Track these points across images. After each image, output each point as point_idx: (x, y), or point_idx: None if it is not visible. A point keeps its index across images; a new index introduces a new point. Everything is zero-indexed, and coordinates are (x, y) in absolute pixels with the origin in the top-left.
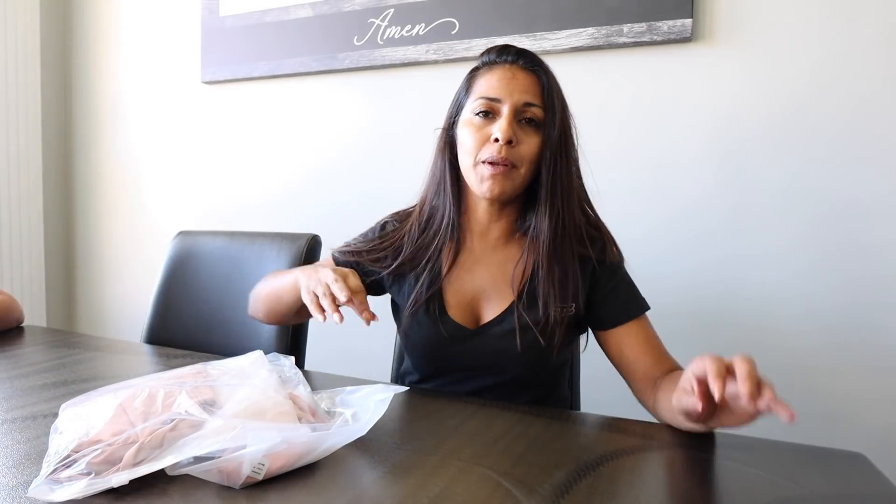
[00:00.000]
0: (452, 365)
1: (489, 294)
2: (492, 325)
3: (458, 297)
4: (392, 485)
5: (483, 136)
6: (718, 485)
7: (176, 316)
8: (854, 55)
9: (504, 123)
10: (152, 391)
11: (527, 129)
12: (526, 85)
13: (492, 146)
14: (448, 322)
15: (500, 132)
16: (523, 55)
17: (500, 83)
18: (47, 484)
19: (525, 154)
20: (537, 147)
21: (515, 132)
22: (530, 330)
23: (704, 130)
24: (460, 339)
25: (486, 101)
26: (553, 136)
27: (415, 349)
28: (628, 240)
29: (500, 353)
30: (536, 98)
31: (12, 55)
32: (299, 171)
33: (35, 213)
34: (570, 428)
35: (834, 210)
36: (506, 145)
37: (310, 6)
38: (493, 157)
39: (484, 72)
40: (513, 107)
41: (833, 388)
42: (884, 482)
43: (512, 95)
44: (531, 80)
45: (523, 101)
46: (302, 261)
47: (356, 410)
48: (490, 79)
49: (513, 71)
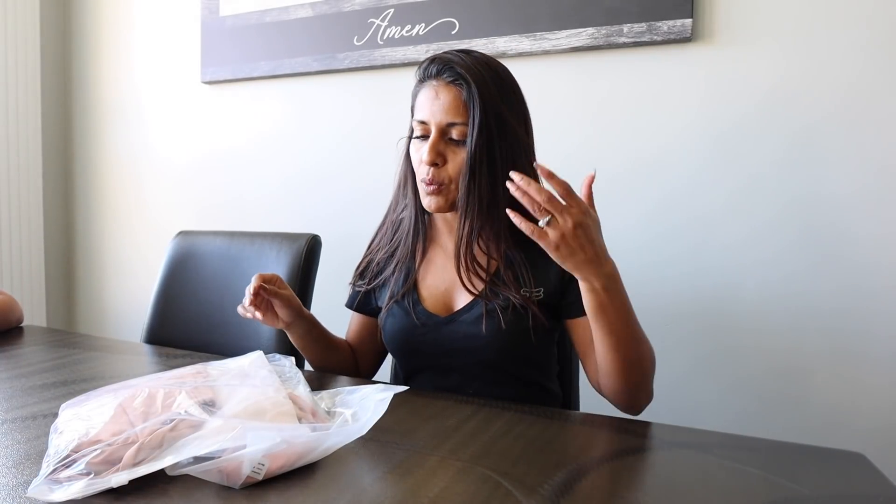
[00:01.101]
0: (427, 354)
1: (460, 285)
2: (462, 312)
3: (431, 289)
4: (392, 485)
5: (419, 158)
6: (718, 485)
7: (176, 316)
8: (854, 55)
9: (426, 148)
10: (152, 391)
11: (455, 146)
12: (447, 103)
13: (422, 167)
14: (421, 312)
15: (425, 155)
16: (447, 68)
17: (425, 104)
18: (47, 484)
19: (453, 172)
20: (462, 163)
21: (442, 152)
22: (496, 314)
23: (704, 130)
24: (432, 326)
25: (419, 124)
26: (472, 149)
27: (391, 340)
28: (624, 239)
29: (470, 338)
30: (458, 115)
31: (12, 55)
32: (299, 171)
33: (35, 213)
34: (570, 428)
35: (835, 210)
36: (432, 167)
37: (310, 6)
38: (424, 179)
39: (418, 89)
40: (438, 128)
41: (833, 388)
42: (884, 482)
43: (434, 116)
44: (453, 95)
45: (445, 121)
46: (302, 261)
47: (356, 410)
48: (420, 98)
49: (436, 89)
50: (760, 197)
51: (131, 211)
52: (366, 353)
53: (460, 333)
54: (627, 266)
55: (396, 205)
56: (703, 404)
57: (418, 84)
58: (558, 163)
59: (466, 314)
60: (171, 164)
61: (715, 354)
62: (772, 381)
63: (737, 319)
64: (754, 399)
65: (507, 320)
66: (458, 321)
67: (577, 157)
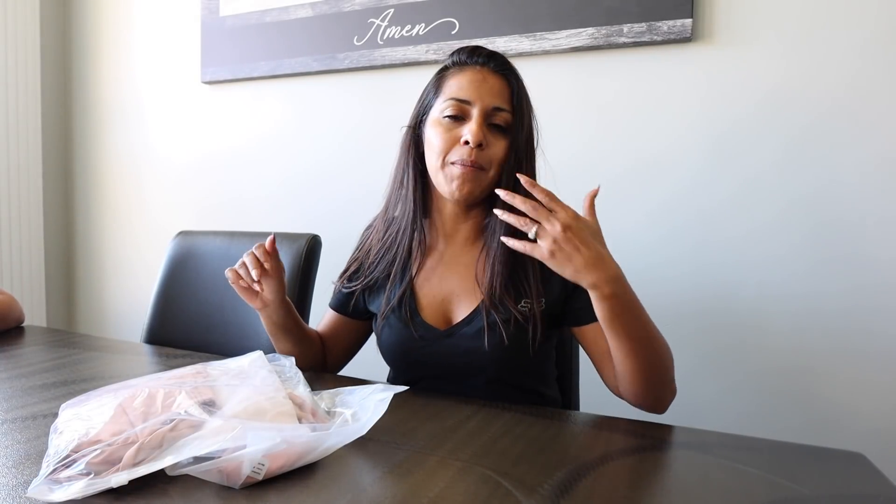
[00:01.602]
0: (427, 367)
1: (459, 295)
2: (461, 325)
3: (429, 298)
4: (392, 485)
5: (453, 138)
6: (718, 485)
7: (176, 316)
8: (854, 54)
9: (475, 126)
10: (152, 391)
11: (495, 132)
12: (496, 88)
13: (462, 148)
14: (419, 324)
15: (470, 135)
16: (494, 58)
17: (470, 85)
18: (46, 484)
19: (493, 157)
20: (504, 150)
21: (485, 135)
22: (498, 328)
23: (705, 130)
24: (431, 340)
25: (457, 102)
26: (520, 141)
27: (388, 352)
28: (627, 239)
29: (471, 352)
30: (506, 102)
31: (12, 55)
32: (299, 171)
33: (35, 213)
34: (570, 428)
35: (835, 210)
36: (476, 148)
37: (310, 6)
38: (462, 160)
39: (454, 72)
40: (483, 110)
41: (833, 387)
42: (884, 482)
43: (482, 98)
44: (501, 83)
45: (493, 104)
46: (302, 261)
47: (356, 410)
48: (460, 80)
49: (483, 73)
50: (761, 196)
51: (131, 211)
52: (337, 349)
53: (461, 348)
54: (628, 266)
55: (395, 202)
56: (703, 404)
57: (456, 67)
58: (558, 163)
59: (467, 327)
60: (171, 164)
61: (715, 354)
62: (772, 381)
63: (737, 319)
64: (754, 399)
65: (510, 333)
66: (458, 335)
67: (578, 157)
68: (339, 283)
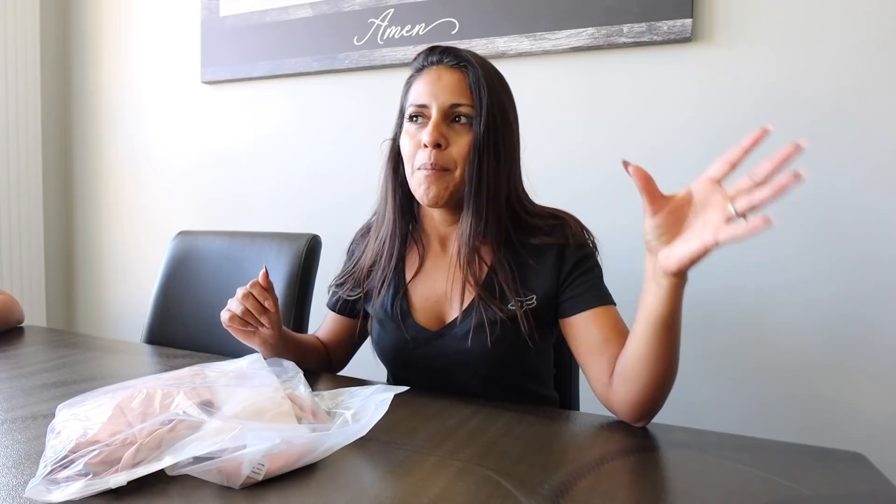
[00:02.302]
0: (419, 367)
1: (452, 296)
2: (452, 325)
3: (423, 300)
4: (392, 485)
5: (416, 143)
6: (718, 485)
7: (176, 316)
8: (853, 55)
9: (430, 128)
10: (150, 392)
11: (459, 128)
12: (451, 84)
13: (424, 152)
14: (411, 326)
15: (426, 137)
16: (448, 53)
17: (426, 88)
18: (44, 485)
19: (457, 155)
20: (468, 146)
21: (445, 134)
22: (485, 329)
23: (704, 130)
24: (423, 341)
25: (416, 107)
26: (479, 132)
27: (382, 354)
28: (626, 239)
29: (461, 353)
30: (463, 96)
31: (12, 55)
32: (299, 170)
33: (35, 213)
34: (570, 428)
35: (834, 210)
36: (434, 149)
37: (310, 6)
38: (424, 164)
39: (415, 77)
40: (440, 109)
41: (833, 387)
42: (884, 482)
43: (437, 97)
44: (457, 77)
45: (450, 102)
46: (302, 261)
47: (356, 411)
48: (418, 85)
49: (438, 72)
50: None
51: (131, 211)
52: (340, 350)
53: (452, 348)
54: (627, 266)
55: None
56: (703, 404)
57: (415, 74)
58: (558, 162)
59: (457, 328)
60: (171, 164)
61: (715, 354)
62: (772, 381)
63: (736, 319)
64: (754, 399)
65: (496, 334)
66: (449, 335)
67: (577, 156)
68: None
